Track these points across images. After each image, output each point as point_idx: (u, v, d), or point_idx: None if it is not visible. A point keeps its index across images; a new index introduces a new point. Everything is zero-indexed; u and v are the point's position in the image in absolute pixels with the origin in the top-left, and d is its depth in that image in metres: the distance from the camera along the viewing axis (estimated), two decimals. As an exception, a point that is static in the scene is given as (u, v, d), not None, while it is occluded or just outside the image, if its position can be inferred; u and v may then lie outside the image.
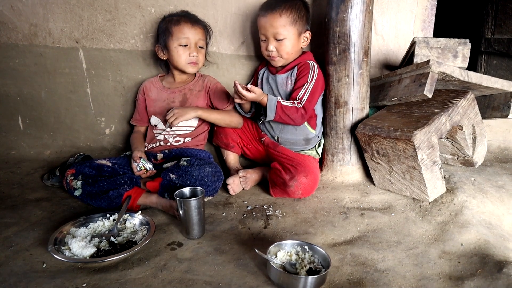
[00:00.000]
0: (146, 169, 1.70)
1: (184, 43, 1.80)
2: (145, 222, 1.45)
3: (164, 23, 1.84)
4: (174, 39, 1.80)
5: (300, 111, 1.67)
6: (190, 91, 1.92)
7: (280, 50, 1.73)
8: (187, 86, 1.93)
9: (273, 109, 1.63)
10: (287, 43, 1.71)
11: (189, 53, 1.81)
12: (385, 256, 1.28)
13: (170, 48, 1.82)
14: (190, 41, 1.81)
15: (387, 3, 1.94)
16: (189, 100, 1.91)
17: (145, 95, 1.96)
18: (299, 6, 1.72)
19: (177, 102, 1.91)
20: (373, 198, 1.68)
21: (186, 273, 1.19)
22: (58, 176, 1.84)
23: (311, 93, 1.70)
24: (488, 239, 1.32)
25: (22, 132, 2.19)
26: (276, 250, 1.24)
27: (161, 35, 1.85)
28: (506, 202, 1.57)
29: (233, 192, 1.75)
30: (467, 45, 1.78)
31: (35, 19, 2.00)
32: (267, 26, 1.70)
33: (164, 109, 1.90)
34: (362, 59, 1.71)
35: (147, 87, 1.97)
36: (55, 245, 1.29)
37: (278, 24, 1.68)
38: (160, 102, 1.92)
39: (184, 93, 1.92)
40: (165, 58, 1.88)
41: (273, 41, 1.72)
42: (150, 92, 1.95)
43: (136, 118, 2.01)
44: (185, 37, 1.79)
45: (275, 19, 1.67)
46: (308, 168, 1.70)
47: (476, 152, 1.74)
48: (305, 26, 1.75)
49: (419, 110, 1.62)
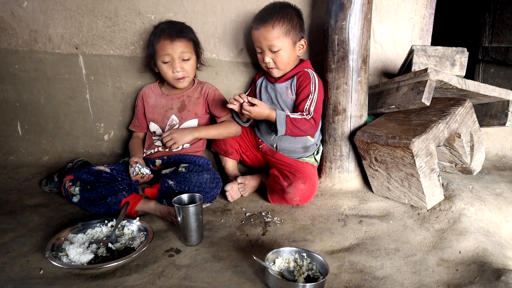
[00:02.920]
0: (142, 173, 1.69)
1: (166, 60, 1.77)
2: (143, 229, 1.45)
3: (151, 35, 1.83)
4: (157, 57, 1.79)
5: (310, 122, 1.68)
6: (189, 98, 1.91)
7: (277, 62, 1.73)
8: (186, 93, 1.92)
9: (283, 124, 1.63)
10: (282, 54, 1.72)
11: (172, 70, 1.79)
12: (383, 263, 1.28)
13: (157, 65, 1.82)
14: (172, 56, 1.76)
15: (385, 12, 1.96)
16: (188, 107, 1.90)
17: (144, 101, 1.95)
18: (291, 15, 1.71)
19: (175, 109, 1.90)
20: (372, 205, 1.68)
21: (184, 280, 1.19)
22: (57, 181, 1.84)
23: (317, 102, 1.72)
24: (486, 246, 1.32)
25: (21, 137, 2.19)
26: (274, 257, 1.23)
27: (149, 48, 1.85)
28: (504, 209, 1.57)
29: (231, 199, 1.75)
30: (465, 53, 1.79)
31: (35, 25, 2.01)
32: (261, 39, 1.70)
33: (163, 116, 1.90)
34: (361, 66, 1.72)
35: (146, 93, 1.96)
36: (53, 251, 1.28)
37: (272, 36, 1.68)
38: (159, 109, 1.92)
39: (183, 100, 1.91)
40: (157, 71, 1.88)
41: (268, 53, 1.72)
42: (149, 98, 1.94)
43: (135, 124, 2.01)
44: (166, 54, 1.76)
45: (268, 32, 1.67)
46: (306, 175, 1.70)
47: (474, 160, 1.74)
48: (300, 34, 1.75)
49: (417, 118, 1.62)
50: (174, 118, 1.89)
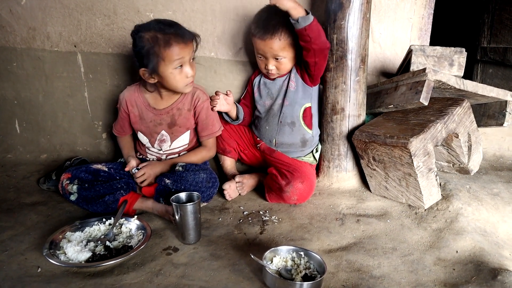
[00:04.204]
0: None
1: (179, 64, 1.56)
2: (141, 227, 1.45)
3: (146, 44, 1.51)
4: (167, 64, 1.53)
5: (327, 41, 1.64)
6: (179, 112, 1.75)
7: (280, 68, 1.74)
8: (175, 105, 1.74)
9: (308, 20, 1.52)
10: (286, 61, 1.72)
11: (186, 75, 1.60)
12: (380, 262, 1.28)
13: (164, 74, 1.56)
14: (185, 60, 1.57)
15: (384, 11, 1.96)
16: (178, 122, 1.76)
17: (128, 110, 1.77)
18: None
19: (164, 124, 1.75)
20: (369, 205, 1.69)
21: (182, 278, 1.19)
22: (55, 180, 1.83)
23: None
24: (483, 246, 1.32)
25: (19, 135, 2.19)
26: (272, 255, 1.24)
27: (145, 57, 1.53)
28: (501, 209, 1.58)
29: (229, 197, 1.76)
30: (463, 53, 1.79)
31: (34, 22, 2.00)
32: (266, 50, 1.68)
33: (151, 130, 1.77)
34: (359, 66, 1.72)
35: (129, 102, 1.76)
36: (51, 249, 1.29)
37: (278, 47, 1.66)
38: (146, 122, 1.76)
39: (172, 114, 1.74)
40: (154, 82, 1.63)
41: (272, 61, 1.71)
42: (133, 108, 1.76)
43: (118, 130, 1.85)
44: (180, 58, 1.54)
45: (274, 43, 1.65)
46: (305, 174, 1.70)
47: (471, 160, 1.75)
48: None
49: (415, 118, 1.63)
50: (164, 134, 1.78)
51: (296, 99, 1.79)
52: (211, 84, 2.02)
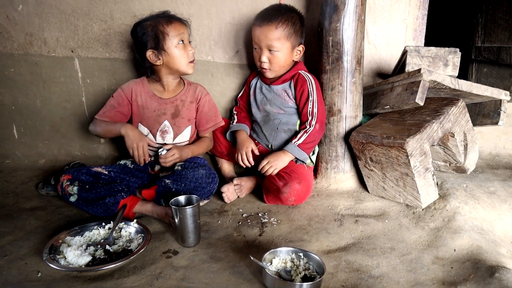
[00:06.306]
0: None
1: (181, 38, 1.69)
2: (141, 230, 1.45)
3: (148, 28, 1.67)
4: (171, 38, 1.66)
5: (315, 128, 1.73)
6: (182, 103, 1.83)
7: (273, 62, 1.74)
8: (179, 97, 1.83)
9: (299, 152, 1.72)
10: (279, 56, 1.72)
11: (188, 50, 1.72)
12: (379, 262, 1.29)
13: (169, 50, 1.68)
14: (185, 36, 1.71)
15: (379, 13, 1.97)
16: (181, 112, 1.83)
17: (132, 99, 1.80)
18: (295, 20, 1.72)
19: (168, 114, 1.81)
20: (367, 205, 1.70)
21: (182, 281, 1.20)
22: (53, 185, 1.83)
23: (318, 101, 1.75)
24: (480, 244, 1.33)
25: (17, 141, 2.19)
26: (271, 257, 1.24)
27: (149, 42, 1.67)
28: (497, 207, 1.59)
29: (228, 200, 1.76)
30: (457, 54, 1.81)
31: (31, 28, 2.01)
32: (261, 37, 1.70)
33: (154, 121, 1.80)
34: (355, 67, 1.73)
35: (135, 91, 1.80)
36: (50, 254, 1.28)
37: (273, 36, 1.68)
38: (149, 112, 1.80)
39: (176, 105, 1.82)
40: (160, 63, 1.71)
41: (266, 52, 1.73)
42: (138, 97, 1.80)
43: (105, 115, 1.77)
44: (181, 33, 1.68)
45: (270, 31, 1.68)
46: (302, 175, 1.71)
47: (467, 159, 1.76)
48: (299, 40, 1.76)
49: (412, 118, 1.64)
50: (167, 124, 1.82)
51: (293, 110, 1.82)
52: (208, 88, 2.02)
